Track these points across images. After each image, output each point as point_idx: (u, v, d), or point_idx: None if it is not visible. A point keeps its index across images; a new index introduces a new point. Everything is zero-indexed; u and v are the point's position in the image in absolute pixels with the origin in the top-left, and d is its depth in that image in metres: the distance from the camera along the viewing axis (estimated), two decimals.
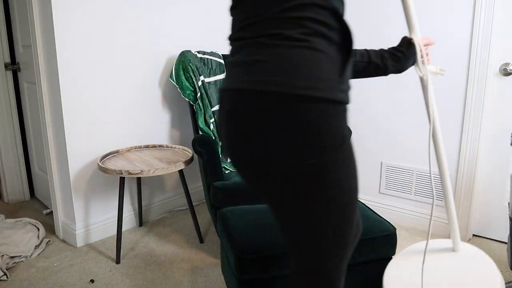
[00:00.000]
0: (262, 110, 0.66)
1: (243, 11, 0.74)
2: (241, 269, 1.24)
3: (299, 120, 0.64)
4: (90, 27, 1.98)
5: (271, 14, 0.69)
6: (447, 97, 2.10)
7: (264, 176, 0.72)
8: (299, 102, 0.64)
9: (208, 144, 1.82)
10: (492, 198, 2.10)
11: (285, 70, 0.65)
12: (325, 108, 0.65)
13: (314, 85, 0.65)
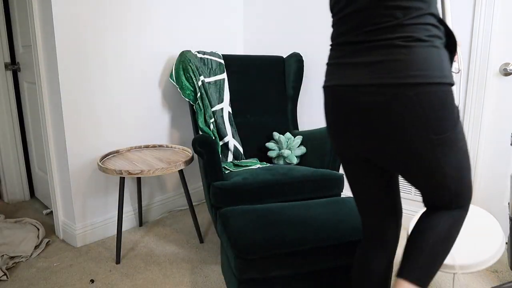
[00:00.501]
0: (409, 98, 0.82)
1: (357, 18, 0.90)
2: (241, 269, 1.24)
3: (439, 102, 0.83)
4: (90, 27, 1.98)
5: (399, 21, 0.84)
6: None
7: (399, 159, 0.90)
8: (438, 88, 0.83)
9: (208, 144, 1.82)
10: (492, 198, 2.10)
11: (422, 65, 0.82)
12: (451, 90, 0.86)
13: (444, 74, 0.85)
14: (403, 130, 0.85)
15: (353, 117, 0.91)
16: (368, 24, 0.88)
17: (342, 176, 1.91)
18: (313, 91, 2.65)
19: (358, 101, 0.88)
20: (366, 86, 0.86)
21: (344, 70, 0.92)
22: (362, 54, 0.89)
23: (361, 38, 0.89)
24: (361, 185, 1.04)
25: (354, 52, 0.91)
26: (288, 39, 2.71)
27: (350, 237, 1.34)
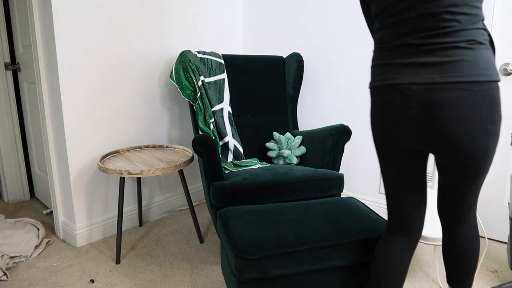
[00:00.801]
0: (474, 94, 0.96)
1: (420, 21, 0.99)
2: (241, 269, 1.24)
3: (496, 97, 0.98)
4: (90, 27, 1.98)
5: (463, 26, 0.97)
6: None
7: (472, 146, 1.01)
8: (495, 85, 0.98)
9: (208, 144, 1.82)
10: (492, 198, 2.10)
11: (484, 65, 0.97)
12: (499, 88, 1.01)
13: (497, 73, 1.00)
14: (468, 120, 0.98)
15: (420, 111, 1.00)
16: (433, 27, 0.98)
17: (342, 176, 1.91)
18: (313, 91, 2.65)
19: (429, 97, 0.98)
20: (438, 84, 0.97)
21: (408, 70, 1.02)
22: (427, 55, 0.99)
23: (425, 40, 1.00)
24: (403, 174, 1.14)
25: (416, 53, 1.01)
26: (288, 39, 2.71)
27: (350, 237, 1.34)
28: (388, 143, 1.12)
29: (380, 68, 1.09)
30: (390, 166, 1.16)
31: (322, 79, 2.59)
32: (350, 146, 2.53)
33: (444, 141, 1.01)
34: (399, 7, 1.02)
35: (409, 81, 1.01)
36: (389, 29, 1.07)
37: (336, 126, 2.04)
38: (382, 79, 1.07)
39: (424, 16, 0.99)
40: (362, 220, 1.43)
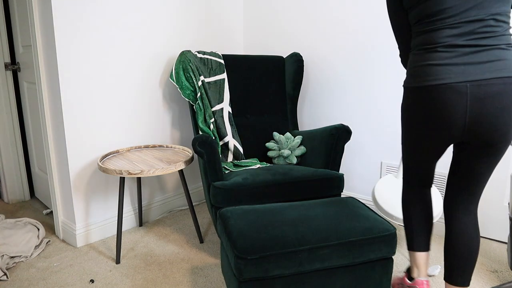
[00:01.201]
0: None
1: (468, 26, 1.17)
2: (241, 269, 1.24)
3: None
4: (90, 26, 1.98)
5: (502, 31, 1.17)
6: None
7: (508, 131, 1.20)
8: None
9: (208, 144, 1.82)
10: (492, 198, 2.10)
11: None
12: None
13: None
14: (509, 108, 1.17)
15: (472, 105, 1.17)
16: (481, 31, 1.16)
17: (342, 176, 1.91)
18: (313, 91, 2.65)
19: (480, 92, 1.15)
20: (487, 79, 1.15)
21: (459, 69, 1.17)
22: (476, 55, 1.16)
23: (473, 42, 1.16)
24: (435, 156, 1.36)
25: (466, 53, 1.18)
26: (288, 39, 2.71)
27: (350, 237, 1.34)
28: (435, 137, 1.27)
29: (428, 68, 1.22)
30: (426, 155, 1.36)
31: (322, 79, 2.59)
32: (350, 146, 2.53)
33: (490, 126, 1.18)
34: (450, 12, 1.18)
35: (461, 80, 1.17)
36: (437, 32, 1.21)
37: (336, 126, 2.04)
38: (435, 79, 1.20)
39: (474, 21, 1.17)
40: (362, 220, 1.43)
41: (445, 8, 1.18)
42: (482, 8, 1.15)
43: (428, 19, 1.22)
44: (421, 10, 1.23)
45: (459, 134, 1.23)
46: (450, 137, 1.25)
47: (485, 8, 1.15)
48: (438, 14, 1.20)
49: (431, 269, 1.86)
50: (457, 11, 1.17)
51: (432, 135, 1.27)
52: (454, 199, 1.38)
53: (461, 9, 1.16)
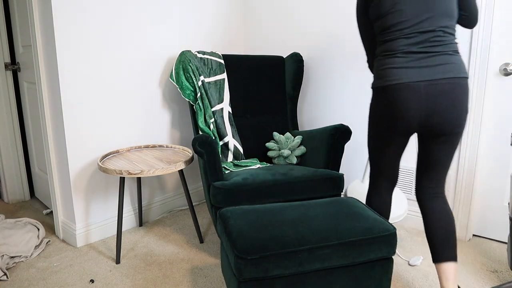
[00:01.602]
0: (462, 86, 1.39)
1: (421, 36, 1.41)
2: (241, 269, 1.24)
3: (468, 89, 1.42)
4: (90, 26, 1.98)
5: (450, 40, 1.42)
6: None
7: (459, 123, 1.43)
8: (467, 81, 1.42)
9: (208, 144, 1.82)
10: (492, 198, 2.11)
11: (463, 67, 1.42)
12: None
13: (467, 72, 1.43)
14: (458, 103, 1.40)
15: (427, 100, 1.39)
16: (432, 40, 1.40)
17: (342, 176, 1.91)
18: (313, 91, 2.65)
19: (433, 89, 1.38)
20: (439, 79, 1.38)
21: (414, 71, 1.39)
22: (428, 60, 1.40)
23: (426, 49, 1.40)
24: (398, 147, 1.56)
25: (421, 58, 1.40)
26: (288, 39, 2.71)
27: (350, 237, 1.34)
28: (396, 129, 1.47)
29: (389, 71, 1.43)
30: (389, 147, 1.55)
31: (322, 79, 2.59)
32: (350, 146, 2.53)
33: (443, 119, 1.41)
34: (406, 25, 1.41)
35: (417, 79, 1.39)
36: (396, 41, 1.44)
37: (336, 126, 2.04)
38: (394, 79, 1.41)
39: (426, 32, 1.40)
40: (362, 220, 1.43)
41: (402, 21, 1.42)
42: (433, 21, 1.40)
43: (388, 30, 1.45)
44: (382, 23, 1.46)
45: (416, 125, 1.44)
46: (409, 128, 1.45)
47: (435, 21, 1.40)
48: (396, 26, 1.43)
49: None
50: (412, 23, 1.41)
51: (394, 127, 1.46)
52: (423, 186, 1.58)
53: (415, 21, 1.40)
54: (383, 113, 1.47)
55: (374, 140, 1.58)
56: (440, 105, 1.39)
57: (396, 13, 1.42)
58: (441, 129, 1.43)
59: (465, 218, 2.13)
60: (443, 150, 1.49)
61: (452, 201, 2.17)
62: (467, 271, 1.84)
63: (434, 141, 1.49)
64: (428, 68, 1.39)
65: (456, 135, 1.46)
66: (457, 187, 2.13)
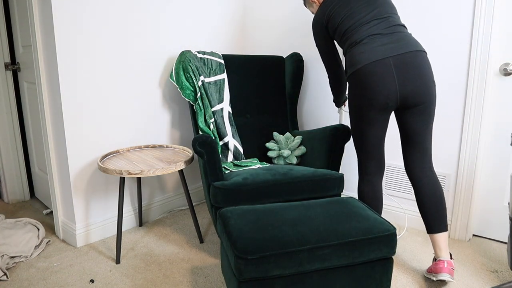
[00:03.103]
0: (423, 57, 1.60)
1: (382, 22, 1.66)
2: (241, 269, 1.24)
3: (429, 62, 1.63)
4: (90, 26, 1.98)
5: (402, 25, 1.68)
6: (447, 97, 2.11)
7: (429, 91, 1.60)
8: (426, 54, 1.63)
9: (208, 144, 1.82)
10: (492, 198, 2.10)
11: (419, 43, 1.63)
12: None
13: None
14: (423, 72, 1.58)
15: (398, 72, 1.56)
16: (389, 23, 1.65)
17: (342, 176, 1.91)
18: (313, 91, 2.65)
19: (401, 62, 1.56)
20: (404, 53, 1.57)
21: (381, 49, 1.58)
22: (392, 38, 1.60)
23: (387, 31, 1.62)
24: (380, 127, 1.69)
25: (386, 38, 1.60)
26: (288, 39, 2.71)
27: (350, 237, 1.34)
28: (377, 105, 1.61)
29: (360, 55, 1.61)
30: (373, 126, 1.68)
31: (322, 79, 2.59)
32: (350, 146, 2.53)
33: (414, 86, 1.57)
34: (364, 19, 1.66)
35: (385, 56, 1.57)
36: (360, 31, 1.65)
37: (336, 126, 2.04)
38: (366, 59, 1.59)
39: (381, 18, 1.66)
40: (362, 220, 1.43)
41: (358, 18, 1.66)
42: (383, 11, 1.66)
43: (349, 28, 1.68)
44: (343, 27, 1.70)
45: (393, 97, 1.58)
46: (388, 101, 1.59)
47: (385, 11, 1.66)
48: (355, 23, 1.67)
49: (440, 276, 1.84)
50: (367, 16, 1.65)
51: (375, 103, 1.60)
52: (411, 161, 1.73)
53: (369, 15, 1.65)
54: (362, 93, 1.62)
55: (357, 124, 1.71)
56: (408, 74, 1.56)
57: (351, 15, 1.68)
58: (414, 98, 1.59)
59: (465, 218, 2.13)
60: (419, 121, 1.65)
61: (452, 201, 2.17)
62: (467, 271, 1.84)
63: (410, 113, 1.65)
64: (392, 45, 1.58)
65: (428, 105, 1.62)
66: (457, 187, 2.13)
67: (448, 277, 1.61)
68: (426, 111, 1.63)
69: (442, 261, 1.66)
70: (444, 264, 1.64)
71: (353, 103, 1.69)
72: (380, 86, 1.57)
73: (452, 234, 2.18)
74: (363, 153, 1.77)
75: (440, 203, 1.70)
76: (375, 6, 1.67)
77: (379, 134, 1.71)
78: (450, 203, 2.18)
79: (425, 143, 1.69)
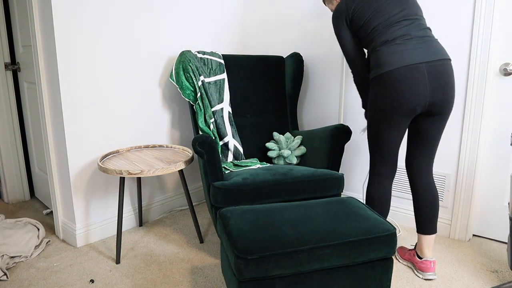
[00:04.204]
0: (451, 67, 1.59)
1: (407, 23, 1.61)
2: (241, 269, 1.24)
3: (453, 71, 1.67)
4: (90, 26, 1.98)
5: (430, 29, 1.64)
6: None
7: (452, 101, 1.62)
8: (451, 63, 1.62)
9: (208, 144, 1.82)
10: (492, 198, 2.10)
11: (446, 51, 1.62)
12: None
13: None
14: (451, 82, 1.58)
15: (431, 78, 1.54)
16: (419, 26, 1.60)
17: (342, 176, 1.91)
18: (313, 91, 2.65)
19: (432, 69, 1.54)
20: (435, 61, 1.55)
21: (414, 54, 1.54)
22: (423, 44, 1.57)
23: (418, 33, 1.59)
24: (401, 132, 1.67)
25: (416, 43, 1.57)
26: (288, 39, 2.71)
27: (350, 237, 1.34)
28: (404, 109, 1.58)
29: (391, 56, 1.56)
30: (395, 130, 1.65)
31: (322, 79, 2.59)
32: (350, 146, 2.53)
33: (443, 95, 1.57)
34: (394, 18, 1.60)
35: (420, 60, 1.53)
36: (392, 30, 1.59)
37: (336, 126, 2.03)
38: (398, 62, 1.54)
39: (412, 19, 1.60)
40: (362, 220, 1.43)
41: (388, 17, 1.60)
42: (412, 12, 1.61)
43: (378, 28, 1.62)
44: (368, 26, 1.64)
45: (423, 106, 1.57)
46: (416, 107, 1.57)
47: (413, 11, 1.61)
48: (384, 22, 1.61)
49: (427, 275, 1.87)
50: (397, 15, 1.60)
51: (404, 109, 1.57)
52: (416, 163, 1.74)
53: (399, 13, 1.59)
54: (391, 97, 1.57)
55: (378, 126, 1.68)
56: (440, 83, 1.55)
57: (380, 12, 1.62)
58: (440, 106, 1.59)
59: (465, 218, 2.13)
60: (436, 128, 1.67)
61: (452, 201, 2.17)
62: (467, 271, 1.84)
63: (430, 120, 1.65)
64: (424, 50, 1.55)
65: (448, 113, 1.64)
66: (457, 187, 2.13)
67: (435, 276, 1.77)
68: (445, 119, 1.65)
69: (429, 261, 1.77)
70: (431, 264, 1.77)
71: (377, 105, 1.63)
72: (412, 92, 1.54)
73: (452, 234, 2.18)
74: (379, 155, 1.74)
75: (437, 207, 1.76)
76: (405, 6, 1.61)
77: (399, 138, 1.69)
78: (450, 203, 2.18)
79: (435, 147, 1.72)
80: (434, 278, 1.77)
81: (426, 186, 1.74)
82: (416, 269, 1.82)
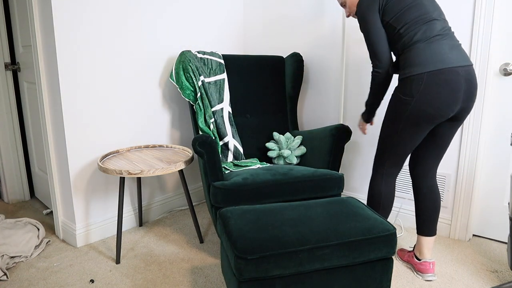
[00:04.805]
0: (474, 72, 1.52)
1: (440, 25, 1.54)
2: (241, 269, 1.24)
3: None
4: (90, 26, 1.98)
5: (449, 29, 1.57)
6: None
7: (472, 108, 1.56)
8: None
9: (208, 144, 1.82)
10: (492, 198, 2.10)
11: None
12: None
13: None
14: (477, 88, 1.53)
15: (466, 84, 1.48)
16: (450, 31, 1.55)
17: (342, 176, 1.91)
18: (313, 91, 2.65)
19: (467, 74, 1.48)
20: (466, 66, 1.48)
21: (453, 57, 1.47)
22: (456, 47, 1.51)
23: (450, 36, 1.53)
24: (422, 137, 1.60)
25: (451, 44, 1.50)
26: (288, 39, 2.71)
27: (350, 237, 1.34)
28: (442, 114, 1.50)
29: (432, 56, 1.47)
30: (418, 135, 1.58)
31: (322, 79, 2.59)
32: (350, 146, 2.53)
33: (472, 102, 1.53)
34: (430, 16, 1.52)
35: (457, 64, 1.46)
36: (429, 28, 1.51)
37: (336, 126, 2.03)
38: (441, 63, 1.46)
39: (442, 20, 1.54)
40: (362, 220, 1.43)
41: (422, 13, 1.52)
42: (441, 12, 1.55)
43: (413, 22, 1.52)
44: (402, 17, 1.53)
45: (458, 108, 1.51)
46: (450, 114, 1.51)
47: (441, 12, 1.56)
48: (419, 17, 1.52)
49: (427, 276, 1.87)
50: (431, 13, 1.52)
51: (442, 114, 1.50)
52: (423, 164, 1.72)
53: (433, 12, 1.53)
54: (426, 100, 1.48)
55: (400, 130, 1.58)
56: (471, 90, 1.50)
57: (416, 6, 1.53)
58: (464, 113, 1.55)
59: (465, 218, 2.13)
60: (453, 132, 1.65)
61: (452, 201, 2.17)
62: (467, 271, 1.84)
63: (449, 125, 1.61)
64: (458, 53, 1.49)
65: (464, 120, 1.61)
66: (457, 187, 2.13)
67: (434, 277, 1.77)
68: (461, 123, 1.64)
69: (428, 262, 1.77)
70: (431, 265, 1.77)
71: (405, 107, 1.52)
72: (452, 98, 1.46)
73: (452, 234, 2.18)
74: (392, 156, 1.68)
75: (439, 209, 1.76)
76: (435, 7, 1.54)
77: (418, 142, 1.63)
78: (450, 203, 2.18)
79: (445, 150, 1.71)
80: (433, 279, 1.77)
81: (430, 188, 1.74)
82: (415, 271, 1.82)
